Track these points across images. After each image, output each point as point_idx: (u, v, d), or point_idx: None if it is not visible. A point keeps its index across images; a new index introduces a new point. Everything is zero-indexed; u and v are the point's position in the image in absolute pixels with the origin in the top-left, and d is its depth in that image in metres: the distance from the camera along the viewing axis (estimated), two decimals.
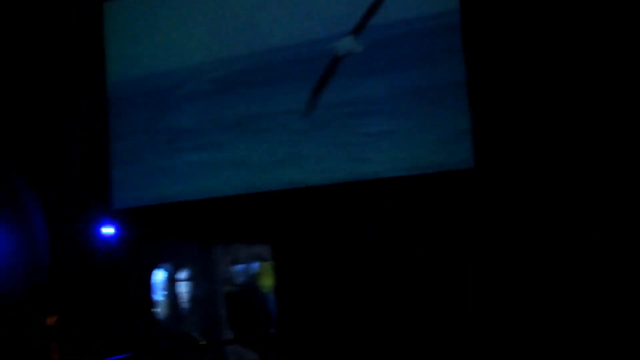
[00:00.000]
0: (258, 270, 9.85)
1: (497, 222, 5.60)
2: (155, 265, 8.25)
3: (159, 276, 8.51)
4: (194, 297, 8.84)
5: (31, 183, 7.24)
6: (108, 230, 7.43)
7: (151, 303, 8.06)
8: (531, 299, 5.63)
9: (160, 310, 8.40)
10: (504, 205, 5.56)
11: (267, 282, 10.02)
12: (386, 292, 6.29)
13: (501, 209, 5.57)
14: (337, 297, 6.75)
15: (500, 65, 5.79)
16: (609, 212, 5.26)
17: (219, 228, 7.67)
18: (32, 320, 6.92)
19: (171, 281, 8.65)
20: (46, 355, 5.86)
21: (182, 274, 8.76)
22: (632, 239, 5.18)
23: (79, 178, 7.34)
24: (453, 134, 5.91)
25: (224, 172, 7.07)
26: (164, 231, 7.84)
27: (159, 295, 8.51)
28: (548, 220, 5.52)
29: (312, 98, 6.56)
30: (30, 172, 7.24)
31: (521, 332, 5.57)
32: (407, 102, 6.22)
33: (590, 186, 5.39)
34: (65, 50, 7.37)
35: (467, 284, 5.81)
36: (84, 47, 7.42)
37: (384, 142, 6.24)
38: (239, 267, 9.50)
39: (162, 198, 7.27)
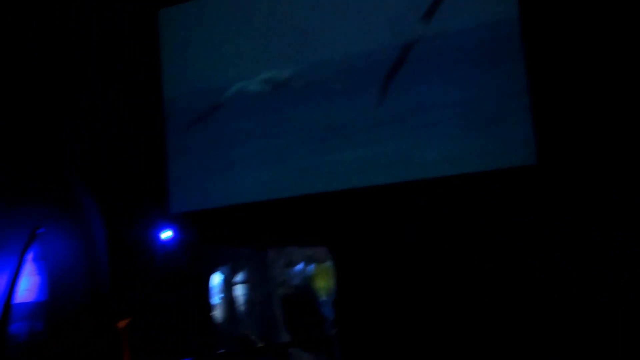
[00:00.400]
0: (312, 272, 9.84)
1: (561, 220, 5.43)
2: (213, 269, 8.27)
3: (216, 280, 8.54)
4: (250, 300, 8.86)
5: (90, 189, 7.32)
6: (166, 234, 7.46)
7: (210, 306, 8.08)
8: (597, 298, 5.45)
9: (217, 314, 8.43)
10: (567, 203, 5.39)
11: (321, 284, 10.00)
12: (449, 292, 6.18)
13: (565, 206, 5.40)
14: (398, 299, 6.66)
15: (561, 67, 5.67)
16: None
17: (274, 230, 7.66)
18: (102, 324, 7.02)
19: (227, 284, 8.68)
20: (118, 357, 5.91)
21: (238, 277, 8.79)
22: None
23: (137, 183, 7.39)
24: (515, 132, 5.77)
25: (279, 174, 7.02)
26: (221, 235, 7.86)
27: (216, 298, 8.55)
28: (614, 220, 5.30)
29: (384, 87, 6.44)
30: (89, 178, 7.31)
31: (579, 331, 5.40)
32: (470, 103, 6.09)
33: None
34: (123, 58, 7.43)
35: (536, 283, 5.67)
36: (142, 54, 7.48)
37: (445, 142, 6.11)
38: (294, 270, 9.50)
39: (218, 201, 7.26)
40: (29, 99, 7.30)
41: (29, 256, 6.79)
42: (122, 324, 5.99)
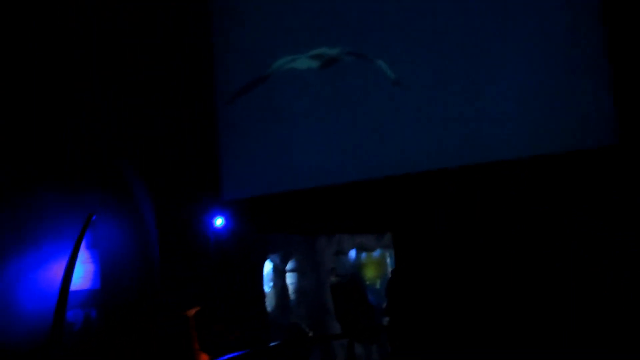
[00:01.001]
0: (362, 261, 9.70)
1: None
2: (265, 257, 8.18)
3: (266, 268, 8.45)
4: (300, 289, 8.75)
5: (142, 176, 7.27)
6: (219, 221, 7.38)
7: (262, 295, 8.00)
8: None
9: (268, 302, 8.34)
10: None
11: (370, 273, 9.87)
12: (521, 278, 5.95)
13: None
14: (461, 286, 6.46)
15: None
16: None
17: (327, 218, 7.53)
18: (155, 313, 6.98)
19: (278, 272, 8.58)
20: (188, 343, 5.86)
21: (289, 265, 8.69)
22: None
23: (190, 170, 7.30)
24: (594, 109, 5.45)
25: (334, 159, 6.83)
26: (274, 222, 7.76)
27: (267, 286, 8.46)
28: None
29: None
30: (142, 165, 7.26)
31: None
32: (546, 77, 5.77)
33: None
34: (175, 44, 7.34)
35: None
36: (194, 37, 7.38)
37: (518, 120, 5.78)
38: (343, 258, 9.38)
39: (271, 188, 7.13)
40: (79, 89, 7.26)
41: (83, 244, 6.76)
42: (191, 312, 5.92)
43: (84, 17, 7.18)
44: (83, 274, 7.04)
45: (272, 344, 6.48)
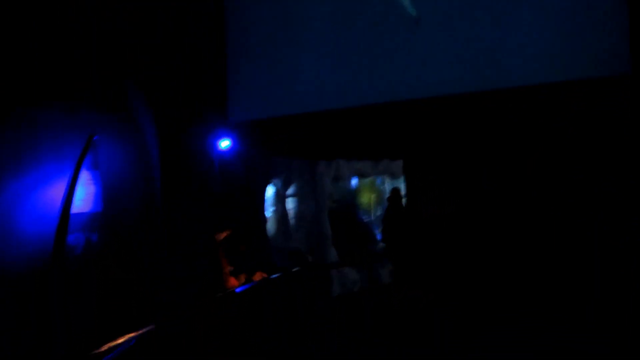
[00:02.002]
0: (358, 187, 9.60)
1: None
2: (268, 181, 7.97)
3: (269, 192, 8.27)
4: (300, 213, 8.62)
5: (146, 95, 6.89)
6: (225, 143, 7.09)
7: (264, 219, 7.83)
8: None
9: (270, 227, 8.19)
10: None
11: (366, 199, 9.79)
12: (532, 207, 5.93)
13: None
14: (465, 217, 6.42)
15: None
16: None
17: (342, 141, 7.33)
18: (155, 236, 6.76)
19: (279, 197, 8.41)
20: (219, 266, 5.68)
21: (290, 190, 8.52)
22: None
23: (196, 90, 6.94)
24: (608, 37, 5.32)
25: (347, 80, 6.56)
26: (281, 145, 7.53)
27: (269, 211, 8.30)
28: None
29: None
30: (146, 84, 6.87)
31: None
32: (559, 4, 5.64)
33: None
34: None
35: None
36: None
37: (531, 46, 5.61)
38: (341, 184, 9.26)
39: (280, 110, 6.86)
40: (81, 7, 6.74)
41: (84, 165, 6.43)
42: (220, 236, 5.71)
43: None
44: (84, 196, 6.72)
45: (294, 269, 6.34)
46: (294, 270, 6.31)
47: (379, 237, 9.22)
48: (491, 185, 5.99)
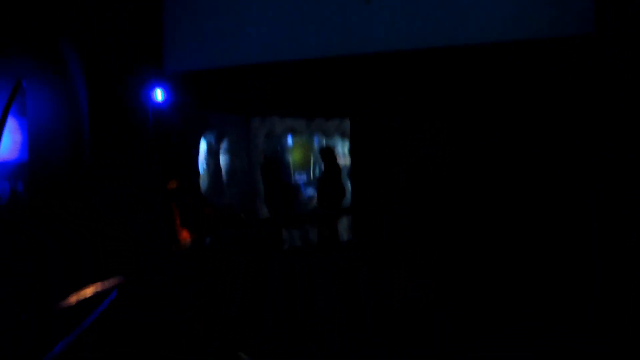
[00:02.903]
0: (289, 144, 9.61)
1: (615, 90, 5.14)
2: (201, 135, 7.88)
3: (202, 147, 8.17)
4: (233, 169, 8.58)
5: (75, 41, 6.64)
6: (158, 94, 6.93)
7: (198, 174, 7.75)
8: None
9: (202, 182, 8.12)
10: (624, 74, 5.03)
11: (296, 156, 9.82)
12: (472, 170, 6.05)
13: (621, 78, 5.05)
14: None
15: None
16: None
17: (283, 96, 7.26)
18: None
19: (212, 152, 8.33)
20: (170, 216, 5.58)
21: (223, 146, 8.45)
22: None
23: (130, 36, 6.72)
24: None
25: (294, 31, 6.37)
26: (214, 99, 7.42)
27: (201, 166, 8.22)
28: None
29: None
30: (75, 29, 6.61)
31: None
32: None
33: None
34: None
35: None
36: None
37: (495, 5, 5.56)
38: (274, 140, 9.25)
39: (219, 61, 6.72)
40: None
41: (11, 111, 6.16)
42: (171, 184, 5.59)
43: None
44: (10, 144, 6.46)
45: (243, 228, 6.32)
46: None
47: (308, 195, 9.28)
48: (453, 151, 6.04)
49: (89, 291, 4.18)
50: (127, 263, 5.86)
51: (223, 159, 8.50)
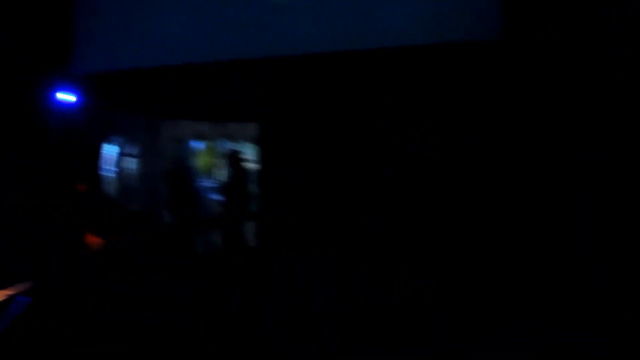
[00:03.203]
0: (198, 149, 9.57)
1: (523, 98, 5.18)
2: (109, 138, 7.71)
3: (110, 151, 7.99)
4: (141, 174, 8.45)
5: None
6: (66, 96, 6.75)
7: (101, 177, 7.56)
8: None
9: (111, 186, 7.95)
10: (532, 81, 5.10)
11: (204, 162, 9.77)
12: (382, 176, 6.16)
13: (530, 85, 5.12)
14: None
15: None
16: None
17: (175, 101, 7.18)
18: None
19: (120, 156, 8.17)
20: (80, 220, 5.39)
21: (131, 150, 8.30)
22: None
23: (38, 35, 6.50)
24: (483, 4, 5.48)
25: (208, 33, 6.32)
26: (121, 101, 7.29)
27: (110, 170, 8.04)
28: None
29: None
30: None
31: None
32: None
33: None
34: None
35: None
36: None
37: (404, 8, 5.68)
38: (182, 145, 9.18)
39: (129, 63, 6.61)
40: None
41: None
42: (82, 187, 5.42)
43: None
44: None
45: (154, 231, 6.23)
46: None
47: (214, 200, 9.24)
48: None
49: None
50: (35, 268, 5.66)
51: (133, 162, 8.34)
